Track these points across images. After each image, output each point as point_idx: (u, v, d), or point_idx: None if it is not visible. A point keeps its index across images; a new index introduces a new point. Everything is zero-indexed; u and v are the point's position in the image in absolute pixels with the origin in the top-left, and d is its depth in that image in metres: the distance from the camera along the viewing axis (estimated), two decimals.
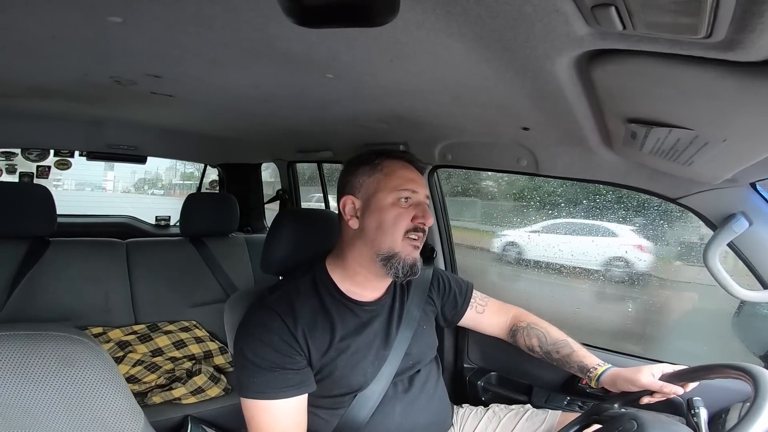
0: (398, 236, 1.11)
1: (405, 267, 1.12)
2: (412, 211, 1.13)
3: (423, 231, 1.14)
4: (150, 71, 1.08)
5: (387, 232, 1.11)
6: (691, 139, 0.76)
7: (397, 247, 1.11)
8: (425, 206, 1.15)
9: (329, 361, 1.10)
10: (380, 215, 1.12)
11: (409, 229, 1.12)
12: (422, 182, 1.18)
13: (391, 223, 1.11)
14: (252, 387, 1.04)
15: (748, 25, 0.41)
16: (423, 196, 1.16)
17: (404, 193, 1.13)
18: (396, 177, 1.14)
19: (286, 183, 2.72)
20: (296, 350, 1.07)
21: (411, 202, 1.14)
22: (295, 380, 1.06)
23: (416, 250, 1.14)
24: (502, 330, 1.41)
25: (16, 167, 2.73)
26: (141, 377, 1.84)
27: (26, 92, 1.41)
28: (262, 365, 1.05)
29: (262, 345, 1.06)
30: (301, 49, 0.82)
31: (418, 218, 1.12)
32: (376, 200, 1.13)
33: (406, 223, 1.12)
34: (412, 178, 1.15)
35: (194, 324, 2.18)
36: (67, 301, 1.95)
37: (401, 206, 1.12)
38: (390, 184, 1.13)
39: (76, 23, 0.77)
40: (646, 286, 2.74)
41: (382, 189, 1.13)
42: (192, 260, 2.30)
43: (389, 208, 1.12)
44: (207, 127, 2.03)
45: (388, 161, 1.17)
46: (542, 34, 0.58)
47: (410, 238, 1.12)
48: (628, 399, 1.12)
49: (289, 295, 1.14)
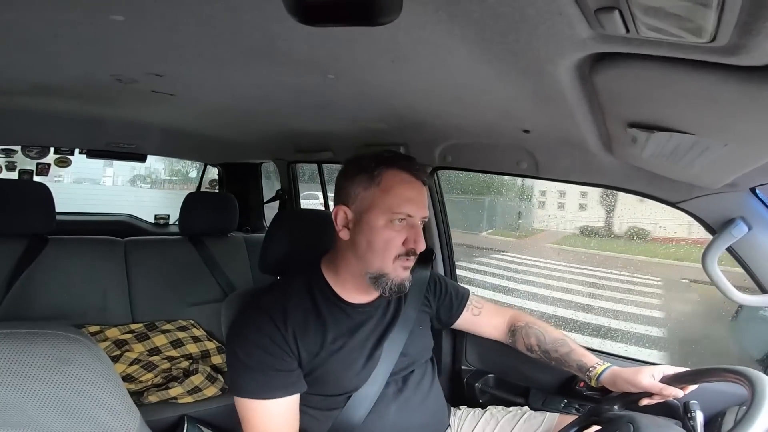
0: (388, 259, 1.08)
1: (393, 286, 1.09)
2: (405, 234, 1.08)
3: (414, 254, 1.10)
4: (151, 70, 1.08)
5: (377, 254, 1.07)
6: (692, 143, 0.76)
7: (387, 269, 1.08)
8: (419, 229, 1.10)
9: (321, 362, 1.10)
10: (371, 235, 1.07)
11: (400, 254, 1.08)
12: (422, 201, 1.11)
13: (381, 246, 1.07)
14: (244, 387, 1.05)
15: (752, 30, 0.40)
16: (419, 219, 1.10)
17: (399, 215, 1.07)
18: (393, 195, 1.07)
19: (286, 183, 2.72)
20: (286, 352, 1.07)
21: (405, 224, 1.08)
22: (285, 381, 1.06)
23: (406, 271, 1.10)
24: (501, 331, 1.40)
25: (15, 164, 2.72)
26: (138, 376, 1.83)
27: (27, 90, 1.41)
28: (253, 366, 1.05)
29: (253, 346, 1.06)
30: (303, 50, 0.82)
31: (409, 243, 1.08)
32: (369, 218, 1.07)
33: (397, 247, 1.07)
34: (410, 198, 1.08)
35: (192, 323, 2.17)
36: (65, 299, 1.94)
37: (394, 228, 1.07)
38: (385, 203, 1.07)
39: (78, 21, 0.77)
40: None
41: (376, 206, 1.07)
42: (191, 259, 2.29)
43: (381, 230, 1.07)
44: (207, 126, 2.03)
45: (388, 173, 1.08)
46: (545, 36, 0.58)
47: (401, 261, 1.09)
48: (627, 400, 1.11)
49: (282, 296, 1.13)
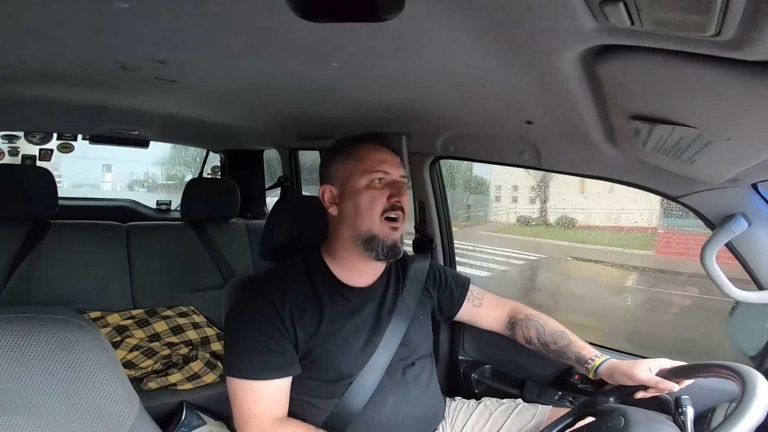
0: (375, 218, 1.12)
1: (385, 248, 1.13)
2: (387, 191, 1.13)
3: (401, 209, 1.15)
4: (155, 57, 1.07)
5: (364, 214, 1.12)
6: (694, 137, 0.75)
7: (375, 228, 1.12)
8: (400, 184, 1.16)
9: (317, 344, 1.11)
10: (356, 199, 1.13)
11: (386, 209, 1.13)
12: (396, 162, 1.18)
13: (367, 205, 1.12)
14: (237, 366, 1.07)
15: (757, 24, 0.40)
16: (397, 176, 1.16)
17: (377, 174, 1.13)
18: (368, 159, 1.15)
19: (288, 170, 2.72)
20: (282, 333, 1.08)
21: (385, 182, 1.14)
22: (279, 363, 1.08)
23: (395, 231, 1.14)
24: (500, 323, 1.41)
25: (18, 150, 2.72)
26: (138, 362, 1.85)
27: (31, 77, 1.40)
28: (249, 345, 1.07)
29: (249, 324, 1.08)
30: (306, 38, 0.81)
31: (393, 197, 1.13)
32: (351, 185, 1.14)
33: (382, 203, 1.13)
34: (384, 159, 1.16)
35: (192, 309, 2.18)
36: (66, 284, 1.95)
37: (375, 187, 1.13)
38: (362, 167, 1.14)
39: (83, 9, 0.77)
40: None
41: (355, 173, 1.14)
42: (192, 245, 2.30)
43: (364, 191, 1.13)
44: (210, 112, 2.02)
45: (359, 146, 1.18)
46: (549, 28, 0.58)
47: (388, 218, 1.13)
48: (622, 393, 1.12)
49: (281, 277, 1.16)
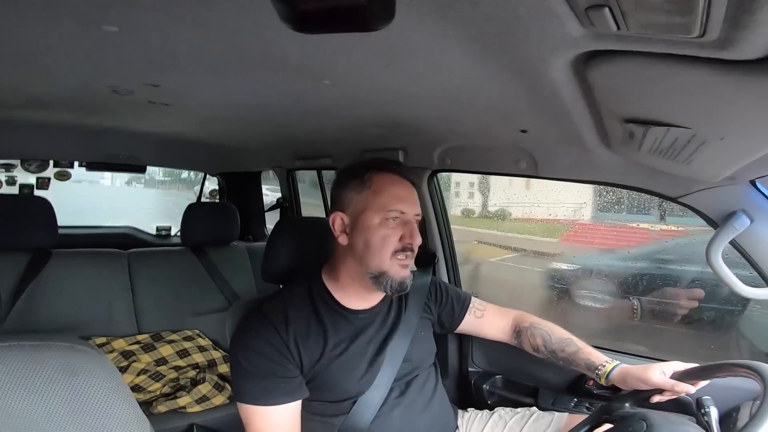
0: (386, 256, 1.10)
1: (394, 285, 1.11)
2: (400, 231, 1.11)
3: (411, 250, 1.13)
4: (147, 80, 1.08)
5: (374, 252, 1.10)
6: (688, 137, 0.76)
7: (385, 266, 1.11)
8: (413, 226, 1.14)
9: (323, 368, 1.11)
10: (368, 235, 1.11)
11: (397, 250, 1.11)
12: (413, 199, 1.16)
13: (378, 244, 1.10)
14: (246, 393, 1.06)
15: (740, 23, 0.41)
16: (412, 216, 1.14)
17: (392, 213, 1.11)
18: (384, 195, 1.12)
19: (286, 191, 2.72)
20: (288, 358, 1.08)
21: (399, 221, 1.12)
22: (287, 388, 1.07)
23: (405, 269, 1.13)
24: (505, 333, 1.40)
25: (15, 179, 2.73)
26: (145, 386, 1.84)
27: (24, 103, 1.42)
28: (255, 372, 1.06)
29: (255, 353, 1.07)
30: (298, 56, 0.82)
31: (405, 239, 1.11)
32: (364, 219, 1.12)
33: (393, 243, 1.11)
34: (401, 197, 1.13)
35: (197, 333, 2.18)
36: (70, 311, 1.94)
37: (389, 226, 1.11)
38: (378, 203, 1.11)
39: (72, 33, 0.78)
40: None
41: (369, 208, 1.12)
42: (194, 269, 2.30)
43: (376, 229, 1.11)
44: (206, 135, 2.04)
45: (377, 176, 1.14)
46: (537, 36, 0.59)
47: (398, 258, 1.11)
48: (638, 398, 1.10)
49: (284, 303, 1.14)
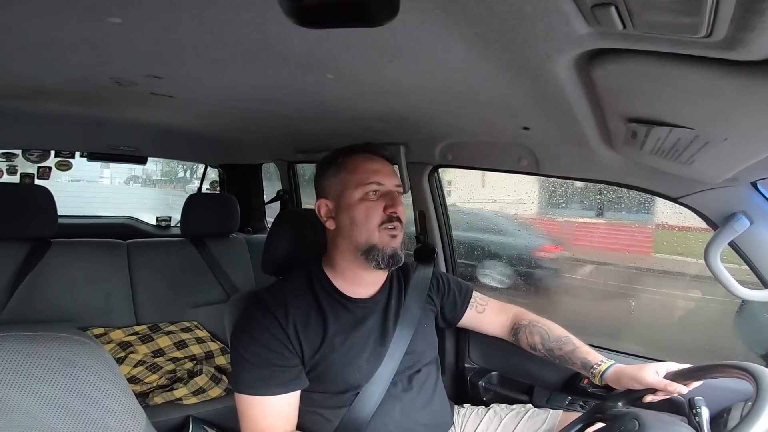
0: (373, 228, 1.12)
1: (385, 257, 1.13)
2: (382, 202, 1.14)
3: (398, 219, 1.15)
4: (150, 72, 1.08)
5: (361, 226, 1.13)
6: (691, 138, 0.76)
7: (374, 239, 1.13)
8: (394, 194, 1.16)
9: (323, 358, 1.11)
10: (351, 212, 1.13)
11: (384, 220, 1.13)
12: (389, 171, 1.19)
13: (363, 217, 1.13)
14: (244, 382, 1.06)
15: (748, 24, 0.40)
16: (392, 186, 1.16)
17: (371, 186, 1.14)
18: (360, 171, 1.15)
19: (287, 183, 2.72)
20: (287, 347, 1.08)
21: (380, 193, 1.14)
22: (285, 377, 1.07)
23: (394, 239, 1.14)
24: (504, 329, 1.40)
25: (16, 168, 2.73)
26: (142, 378, 1.84)
27: (26, 94, 1.41)
28: (254, 361, 1.06)
29: (254, 341, 1.07)
30: (301, 50, 0.82)
31: (388, 208, 1.13)
32: (345, 198, 1.14)
33: (378, 215, 1.13)
34: (376, 170, 1.16)
35: (195, 324, 2.18)
36: (69, 302, 1.94)
37: (370, 199, 1.14)
38: (355, 180, 1.14)
39: (75, 24, 0.77)
40: None
41: (348, 186, 1.14)
42: (193, 261, 2.30)
43: (358, 204, 1.13)
44: (207, 127, 2.03)
45: (350, 158, 1.18)
46: (542, 33, 0.58)
47: (386, 228, 1.13)
48: (631, 397, 1.11)
49: (283, 292, 1.15)
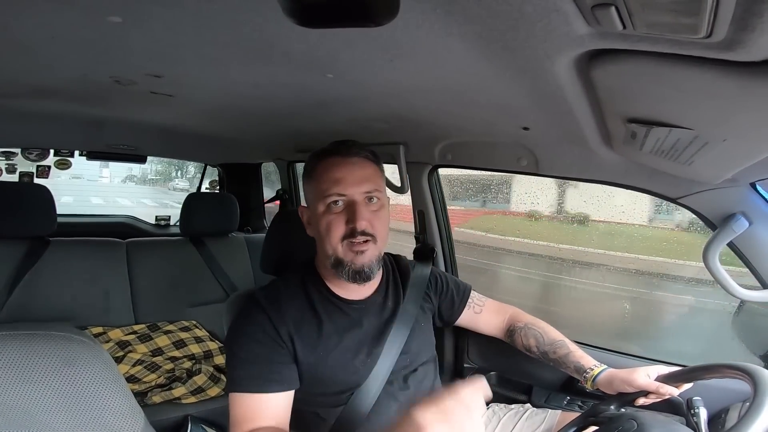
0: (335, 243, 1.06)
1: (351, 273, 1.07)
2: (345, 215, 1.06)
3: (363, 233, 1.05)
4: (150, 71, 1.08)
5: (325, 239, 1.07)
6: (691, 138, 0.76)
7: (338, 252, 1.06)
8: (357, 206, 1.05)
9: (318, 360, 1.09)
10: (317, 224, 1.09)
11: (345, 234, 1.05)
12: (353, 178, 1.06)
13: (324, 231, 1.07)
14: (235, 380, 1.03)
15: (748, 25, 0.41)
16: (358, 194, 1.06)
17: (331, 198, 1.05)
18: (322, 181, 1.07)
19: (286, 183, 2.72)
20: (280, 345, 1.06)
21: (343, 204, 1.06)
22: (278, 376, 1.05)
23: (361, 255, 1.06)
24: (499, 330, 1.40)
25: (15, 167, 2.72)
26: (141, 377, 1.84)
27: (26, 92, 1.41)
28: (246, 358, 1.04)
29: (247, 339, 1.06)
30: (301, 49, 0.82)
31: (349, 222, 1.05)
32: (313, 209, 1.10)
33: (340, 229, 1.06)
34: (338, 179, 1.06)
35: (194, 324, 2.18)
36: (67, 300, 1.95)
37: (332, 212, 1.06)
38: (318, 191, 1.07)
39: (76, 23, 0.77)
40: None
41: (315, 197, 1.08)
42: (192, 260, 2.30)
43: (322, 216, 1.07)
44: (207, 126, 2.03)
45: (320, 164, 1.09)
46: (542, 33, 0.58)
47: (351, 242, 1.05)
48: (624, 400, 1.12)
49: (278, 291, 1.13)
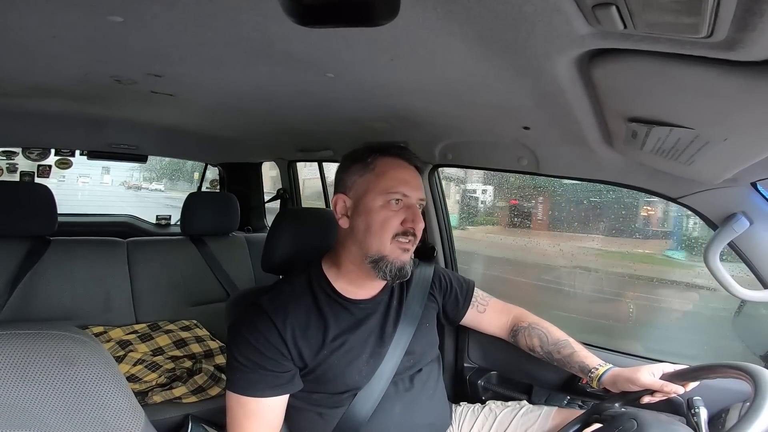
0: (386, 239, 1.08)
1: (393, 270, 1.08)
2: (402, 215, 1.08)
3: (413, 235, 1.10)
4: (151, 70, 1.08)
5: (375, 234, 1.08)
6: (691, 138, 0.76)
7: (386, 250, 1.08)
8: (416, 210, 1.10)
9: (323, 360, 1.10)
10: (368, 217, 1.08)
11: (398, 233, 1.08)
12: (417, 183, 1.13)
13: (378, 226, 1.08)
14: (234, 382, 1.06)
15: (749, 25, 0.41)
16: (415, 199, 1.11)
17: (395, 195, 1.08)
18: (388, 178, 1.09)
19: (287, 182, 2.72)
20: (282, 352, 1.07)
21: (402, 204, 1.09)
22: (276, 382, 1.06)
23: (406, 253, 1.10)
24: (503, 330, 1.40)
25: (17, 166, 2.73)
26: (142, 376, 1.84)
27: (27, 92, 1.41)
28: (246, 364, 1.05)
29: (249, 345, 1.06)
30: (302, 49, 0.82)
31: (407, 222, 1.08)
32: (366, 201, 1.09)
33: (395, 226, 1.08)
34: (405, 180, 1.10)
35: (195, 323, 2.18)
36: (68, 300, 1.95)
37: (391, 209, 1.08)
38: (381, 186, 1.09)
39: (77, 23, 0.77)
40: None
41: (372, 190, 1.09)
42: (193, 259, 2.30)
43: (378, 211, 1.08)
44: (207, 126, 2.04)
45: (381, 160, 1.12)
46: (543, 33, 0.58)
47: (399, 241, 1.08)
48: (628, 398, 1.12)
49: (283, 295, 1.14)
